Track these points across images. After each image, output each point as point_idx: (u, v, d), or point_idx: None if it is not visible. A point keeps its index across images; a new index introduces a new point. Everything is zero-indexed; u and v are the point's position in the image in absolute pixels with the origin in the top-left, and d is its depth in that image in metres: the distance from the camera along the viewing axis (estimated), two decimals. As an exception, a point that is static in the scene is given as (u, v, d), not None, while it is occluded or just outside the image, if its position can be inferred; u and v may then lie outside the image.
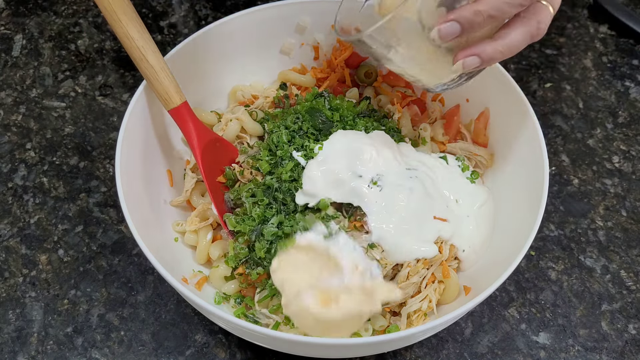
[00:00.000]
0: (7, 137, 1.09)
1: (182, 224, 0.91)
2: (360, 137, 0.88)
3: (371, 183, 0.84)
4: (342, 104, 0.94)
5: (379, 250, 0.82)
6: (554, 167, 1.08)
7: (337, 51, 1.04)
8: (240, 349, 0.89)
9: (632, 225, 1.02)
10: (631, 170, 1.07)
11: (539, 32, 0.72)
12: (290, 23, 1.01)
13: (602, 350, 0.90)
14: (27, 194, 1.03)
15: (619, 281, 0.96)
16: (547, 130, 1.12)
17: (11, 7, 1.26)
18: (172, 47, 0.99)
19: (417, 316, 0.83)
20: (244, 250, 0.84)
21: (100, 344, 0.89)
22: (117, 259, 0.96)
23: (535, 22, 0.71)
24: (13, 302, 0.92)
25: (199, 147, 0.88)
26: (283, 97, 0.98)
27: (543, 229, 1.01)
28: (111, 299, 0.93)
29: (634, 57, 1.23)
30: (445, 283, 0.84)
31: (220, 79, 1.02)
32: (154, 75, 0.85)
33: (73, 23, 1.25)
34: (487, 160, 0.96)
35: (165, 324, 0.91)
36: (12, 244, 0.98)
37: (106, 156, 1.07)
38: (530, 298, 0.94)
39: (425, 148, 0.96)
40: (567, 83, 1.18)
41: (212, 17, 1.26)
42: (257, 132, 0.96)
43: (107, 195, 1.03)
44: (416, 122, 1.00)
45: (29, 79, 1.17)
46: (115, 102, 1.14)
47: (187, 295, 0.72)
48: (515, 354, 0.89)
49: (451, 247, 0.86)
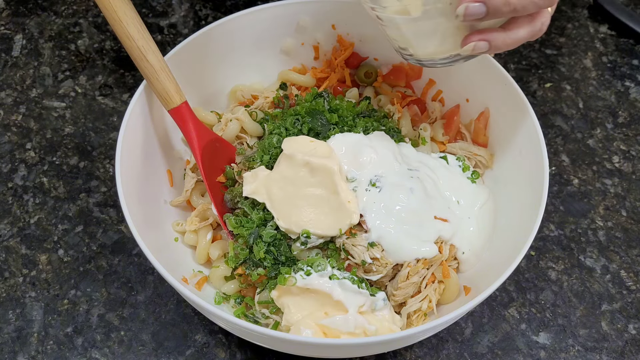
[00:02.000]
0: (7, 137, 1.09)
1: (182, 224, 0.91)
2: (359, 139, 0.89)
3: (369, 184, 0.84)
4: (341, 104, 0.94)
5: (379, 249, 0.82)
6: (554, 167, 1.08)
7: (337, 51, 1.04)
8: (240, 349, 0.89)
9: (632, 225, 1.02)
10: (631, 170, 1.07)
11: (540, 33, 0.74)
12: (290, 23, 1.01)
13: (602, 350, 0.90)
14: (27, 194, 1.03)
15: (619, 281, 0.96)
16: (547, 130, 1.12)
17: (11, 7, 1.26)
18: (172, 47, 0.99)
19: (417, 316, 0.83)
20: (244, 251, 0.84)
21: (100, 344, 0.89)
22: (117, 259, 0.96)
23: (540, 23, 0.73)
24: (13, 302, 0.92)
25: (198, 147, 0.88)
26: (283, 98, 0.98)
27: (543, 229, 1.01)
28: (111, 299, 0.93)
29: (634, 57, 1.23)
30: (445, 283, 0.84)
31: (220, 79, 1.02)
32: (154, 75, 0.85)
33: (73, 23, 1.25)
34: (487, 161, 0.96)
35: (165, 324, 0.91)
36: (12, 244, 0.98)
37: (106, 156, 1.07)
38: (530, 298, 0.94)
39: (425, 148, 0.96)
40: (567, 83, 1.18)
41: (212, 17, 1.26)
42: (257, 132, 0.96)
43: (107, 195, 1.03)
44: (416, 122, 1.00)
45: (29, 79, 1.17)
46: (115, 102, 1.14)
47: (187, 295, 0.72)
48: (515, 354, 0.89)
49: (451, 247, 0.86)
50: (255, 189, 0.84)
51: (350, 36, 1.03)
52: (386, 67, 1.04)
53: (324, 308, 0.78)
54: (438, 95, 1.03)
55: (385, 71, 1.04)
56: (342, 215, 0.81)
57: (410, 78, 1.04)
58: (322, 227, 0.81)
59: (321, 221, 0.82)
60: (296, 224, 0.81)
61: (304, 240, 0.81)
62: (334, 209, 0.82)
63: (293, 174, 0.83)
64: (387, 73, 1.03)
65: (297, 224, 0.81)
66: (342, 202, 0.81)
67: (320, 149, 0.85)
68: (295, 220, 0.81)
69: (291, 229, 0.81)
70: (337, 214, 0.81)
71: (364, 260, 0.81)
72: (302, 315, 0.77)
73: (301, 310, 0.78)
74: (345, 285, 0.78)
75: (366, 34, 1.02)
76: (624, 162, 1.08)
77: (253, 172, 0.86)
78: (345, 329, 0.76)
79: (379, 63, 1.05)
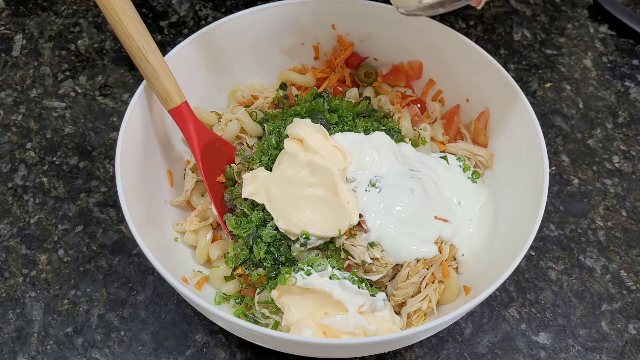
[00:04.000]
0: (7, 137, 1.09)
1: (182, 224, 0.91)
2: (359, 139, 0.89)
3: (369, 185, 0.84)
4: (341, 104, 0.94)
5: (379, 249, 0.82)
6: (554, 167, 1.08)
7: (337, 51, 1.04)
8: (240, 349, 0.89)
9: (632, 225, 1.02)
10: (631, 170, 1.07)
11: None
12: (290, 23, 1.01)
13: (602, 350, 0.90)
14: (27, 194, 1.03)
15: (619, 281, 0.96)
16: (547, 130, 1.12)
17: (11, 7, 1.26)
18: (172, 47, 0.99)
19: (417, 316, 0.83)
20: (244, 251, 0.84)
21: (100, 344, 0.89)
22: (117, 259, 0.96)
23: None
24: (13, 302, 0.92)
25: (198, 147, 0.88)
26: (283, 98, 0.98)
27: (543, 229, 1.01)
28: (111, 299, 0.93)
29: (634, 57, 1.23)
30: (445, 283, 0.84)
31: (220, 79, 1.02)
32: (154, 75, 0.85)
33: (73, 23, 1.25)
34: (487, 161, 0.96)
35: (165, 324, 0.91)
36: (12, 244, 0.98)
37: (106, 156, 1.07)
38: (530, 298, 0.94)
39: (425, 148, 0.96)
40: (567, 83, 1.18)
41: (212, 17, 1.26)
42: (257, 132, 0.96)
43: (107, 195, 1.03)
44: (416, 122, 1.00)
45: (29, 79, 1.17)
46: (115, 102, 1.14)
47: (187, 295, 0.72)
48: (515, 354, 0.89)
49: (451, 247, 0.86)
50: (254, 190, 0.84)
51: (350, 36, 1.03)
52: (386, 67, 1.04)
53: (324, 308, 0.78)
54: (438, 95, 1.03)
55: (385, 71, 1.04)
56: (341, 216, 0.81)
57: (410, 78, 1.04)
58: (322, 228, 0.81)
59: (320, 222, 0.82)
60: (295, 225, 0.81)
61: (303, 241, 0.81)
62: (333, 210, 0.81)
63: (294, 173, 0.83)
64: (387, 73, 1.03)
65: (296, 225, 0.81)
66: (341, 203, 0.81)
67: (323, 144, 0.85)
68: (295, 221, 0.81)
69: (290, 230, 0.81)
70: (337, 215, 0.81)
71: (364, 260, 0.81)
72: (303, 315, 0.77)
73: (301, 310, 0.78)
74: (345, 285, 0.78)
75: (366, 34, 1.02)
76: (624, 162, 1.08)
77: (252, 173, 0.86)
78: (346, 329, 0.76)
79: (379, 63, 1.05)
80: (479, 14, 1.27)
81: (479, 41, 1.22)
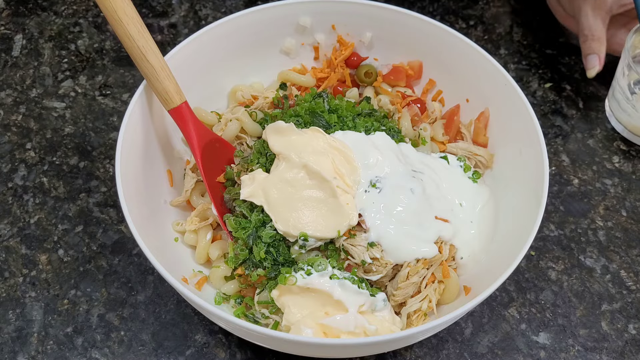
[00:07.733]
0: (7, 137, 1.09)
1: (182, 224, 0.91)
2: (360, 138, 0.88)
3: (369, 185, 0.84)
4: (341, 104, 0.94)
5: (379, 249, 0.82)
6: (554, 167, 1.08)
7: (337, 51, 1.04)
8: (240, 349, 0.89)
9: (632, 225, 1.02)
10: (631, 170, 1.07)
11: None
12: (290, 23, 1.01)
13: (602, 350, 0.90)
14: (27, 194, 1.03)
15: (619, 281, 0.96)
16: (547, 130, 1.12)
17: (11, 7, 1.26)
18: (172, 47, 0.99)
19: (417, 316, 0.83)
20: (243, 251, 0.84)
21: (100, 344, 0.89)
22: (117, 259, 0.96)
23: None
24: (13, 302, 0.92)
25: (198, 147, 0.88)
26: (282, 98, 0.98)
27: (543, 229, 1.01)
28: (111, 299, 0.93)
29: (634, 57, 1.23)
30: (445, 283, 0.84)
31: (220, 79, 1.02)
32: (154, 75, 0.85)
33: (73, 23, 1.25)
34: (487, 161, 0.96)
35: (165, 324, 0.91)
36: (12, 244, 0.98)
37: (106, 156, 1.07)
38: (530, 298, 0.94)
39: (425, 148, 0.96)
40: (567, 83, 1.18)
41: (212, 17, 1.26)
42: (257, 132, 0.96)
43: (107, 195, 1.03)
44: (416, 122, 1.00)
45: (29, 79, 1.17)
46: (115, 102, 1.14)
47: (187, 295, 0.72)
48: (515, 354, 0.89)
49: (451, 247, 0.86)
50: (252, 192, 0.84)
51: (350, 36, 1.03)
52: (386, 67, 1.04)
53: (324, 307, 0.78)
54: (438, 95, 1.03)
55: (385, 71, 1.04)
56: (340, 217, 0.81)
57: (410, 78, 1.04)
58: (321, 230, 0.81)
59: (319, 223, 0.81)
60: (294, 227, 0.81)
61: (302, 243, 0.81)
62: (332, 211, 0.81)
63: (292, 175, 0.83)
64: (387, 73, 1.03)
65: (295, 227, 0.81)
66: (340, 204, 0.81)
67: (314, 143, 0.85)
68: (293, 223, 0.81)
69: (289, 232, 0.81)
70: (336, 216, 0.81)
71: (363, 260, 0.81)
72: (303, 315, 0.77)
73: (301, 310, 0.78)
74: (345, 285, 0.78)
75: (366, 34, 1.02)
76: (624, 162, 1.08)
77: (250, 175, 0.86)
78: (346, 329, 0.76)
79: (379, 63, 1.05)
80: (479, 14, 1.27)
81: (479, 41, 1.22)
